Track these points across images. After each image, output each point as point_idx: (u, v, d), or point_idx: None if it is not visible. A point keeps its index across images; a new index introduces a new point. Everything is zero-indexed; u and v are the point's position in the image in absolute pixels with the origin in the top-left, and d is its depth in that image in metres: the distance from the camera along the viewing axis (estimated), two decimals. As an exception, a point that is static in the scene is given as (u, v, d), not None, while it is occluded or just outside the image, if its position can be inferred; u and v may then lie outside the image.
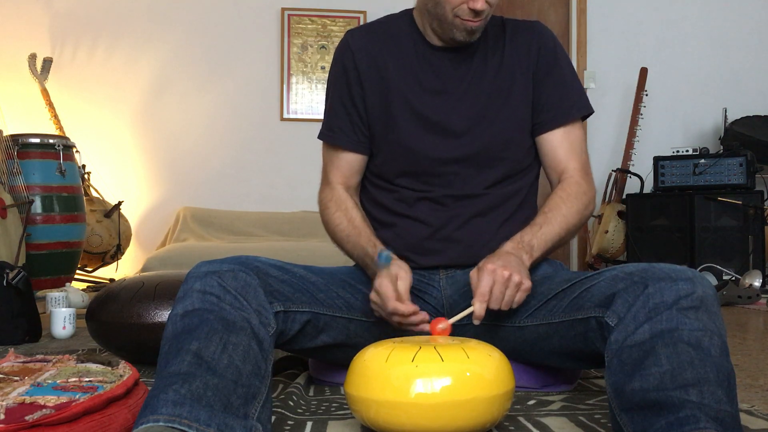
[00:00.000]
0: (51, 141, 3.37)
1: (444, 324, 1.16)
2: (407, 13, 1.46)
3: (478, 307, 1.17)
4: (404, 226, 1.41)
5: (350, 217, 1.40)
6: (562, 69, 1.43)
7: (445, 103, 1.39)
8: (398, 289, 1.21)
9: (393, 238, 1.40)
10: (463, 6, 1.29)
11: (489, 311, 1.32)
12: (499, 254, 1.24)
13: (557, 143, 1.41)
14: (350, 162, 1.46)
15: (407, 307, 1.19)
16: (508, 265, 1.18)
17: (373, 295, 1.24)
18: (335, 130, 1.45)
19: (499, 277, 1.17)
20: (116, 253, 3.93)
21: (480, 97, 1.39)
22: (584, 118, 1.45)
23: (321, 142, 1.51)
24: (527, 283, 1.20)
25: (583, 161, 1.42)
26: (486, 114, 1.39)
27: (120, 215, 3.97)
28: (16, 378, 1.04)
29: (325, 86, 1.52)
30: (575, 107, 1.42)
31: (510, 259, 1.21)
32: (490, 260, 1.21)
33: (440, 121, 1.38)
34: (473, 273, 1.21)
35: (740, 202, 3.68)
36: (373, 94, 1.42)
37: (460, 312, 1.24)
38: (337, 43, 4.47)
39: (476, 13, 1.29)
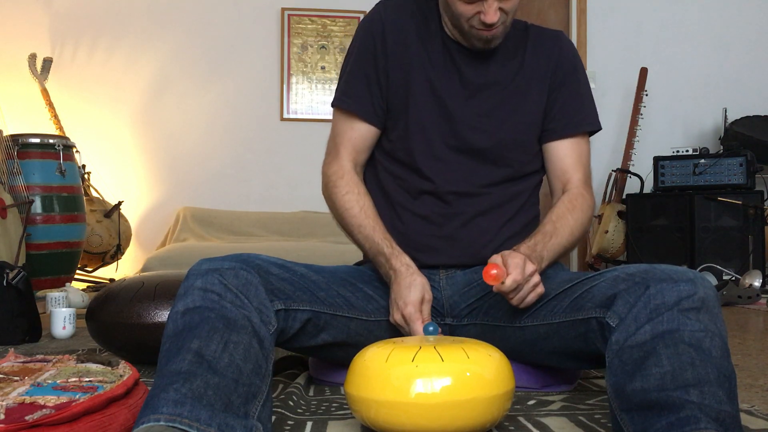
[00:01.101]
0: (51, 141, 3.37)
1: (498, 270, 1.15)
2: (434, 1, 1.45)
3: (508, 283, 1.16)
4: (408, 223, 1.41)
5: (362, 204, 1.38)
6: (579, 82, 1.45)
7: (461, 94, 1.40)
8: (423, 312, 1.26)
9: (394, 233, 1.40)
10: (476, 17, 1.30)
11: (490, 310, 1.33)
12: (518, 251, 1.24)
13: (565, 152, 1.43)
14: (363, 134, 1.43)
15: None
16: (534, 262, 1.21)
17: (398, 317, 1.27)
18: (353, 97, 1.42)
19: (528, 269, 1.18)
20: (116, 253, 3.93)
21: (494, 95, 1.40)
22: (591, 134, 1.47)
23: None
24: (542, 288, 1.21)
25: (587, 174, 1.44)
26: (498, 113, 1.40)
27: (120, 215, 3.97)
28: (16, 378, 1.04)
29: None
30: (586, 121, 1.45)
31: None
32: (528, 255, 1.22)
33: (454, 110, 1.39)
34: (515, 258, 1.19)
35: (740, 202, 3.68)
36: (396, 68, 1.41)
37: (463, 306, 1.26)
38: (337, 43, 4.51)
39: (486, 25, 1.29)
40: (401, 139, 1.41)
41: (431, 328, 1.18)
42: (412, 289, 1.27)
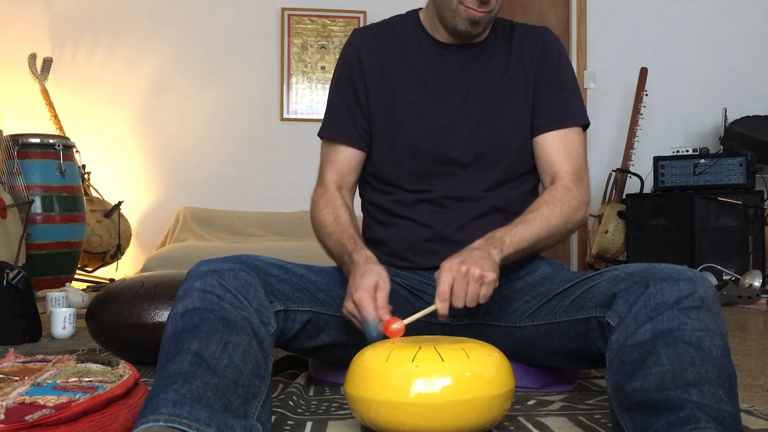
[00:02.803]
0: (51, 141, 3.37)
1: (398, 324, 1.12)
2: (414, 14, 1.47)
3: (440, 306, 1.14)
4: (404, 227, 1.41)
5: (337, 214, 1.38)
6: (564, 77, 1.42)
7: (449, 103, 1.39)
8: (378, 299, 1.17)
9: (392, 238, 1.40)
10: None
11: (490, 310, 1.32)
12: (462, 251, 1.20)
13: (550, 145, 1.40)
14: (347, 158, 1.45)
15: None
16: (466, 260, 1.15)
17: (349, 306, 1.19)
18: (335, 125, 1.45)
19: (457, 274, 1.13)
20: (116, 253, 3.93)
21: (483, 98, 1.39)
22: (584, 128, 1.44)
23: (320, 141, 1.50)
24: (490, 276, 1.14)
25: (576, 166, 1.39)
26: (488, 116, 1.38)
27: (120, 215, 3.97)
28: (16, 378, 1.04)
29: (327, 86, 1.53)
30: (572, 114, 1.41)
31: (472, 254, 1.17)
32: (449, 258, 1.17)
33: (442, 121, 1.38)
34: (437, 273, 1.17)
35: (740, 202, 3.68)
36: (376, 93, 1.42)
37: (464, 310, 1.24)
38: (337, 43, 4.51)
39: (481, 2, 1.28)
40: (390, 162, 1.41)
41: (374, 334, 1.12)
42: (365, 276, 1.20)
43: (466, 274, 1.13)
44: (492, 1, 1.28)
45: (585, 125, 1.43)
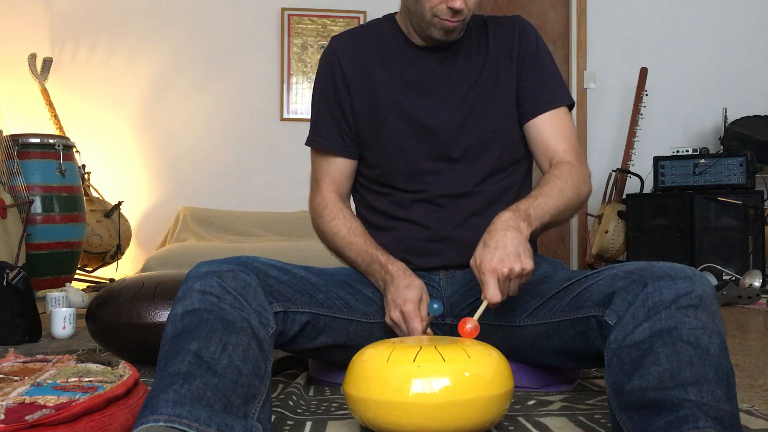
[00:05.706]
0: (51, 141, 3.38)
1: (472, 324, 1.14)
2: (390, 17, 1.49)
3: (491, 305, 1.16)
4: (402, 229, 1.41)
5: (350, 225, 1.41)
6: (544, 59, 1.44)
7: (433, 101, 1.40)
8: (421, 311, 1.26)
9: (391, 241, 1.41)
10: (441, 6, 1.30)
11: (490, 310, 1.33)
12: (494, 233, 1.17)
13: (543, 126, 1.41)
14: (340, 167, 1.47)
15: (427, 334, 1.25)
16: (504, 258, 1.13)
17: (395, 315, 1.26)
18: (323, 136, 1.46)
19: (501, 275, 1.14)
20: (116, 253, 3.93)
21: (467, 94, 1.41)
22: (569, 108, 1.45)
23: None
24: (528, 266, 1.15)
25: (572, 143, 1.41)
26: (473, 110, 1.40)
27: (120, 215, 3.97)
28: (16, 378, 1.05)
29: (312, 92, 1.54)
30: (557, 96, 1.43)
31: (506, 242, 1.15)
32: (487, 251, 1.15)
33: (429, 120, 1.40)
34: (479, 275, 1.16)
35: (740, 202, 3.68)
36: (361, 98, 1.43)
37: (464, 306, 1.29)
38: (337, 43, 4.50)
39: (455, 12, 1.30)
40: (382, 164, 1.43)
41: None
42: (410, 289, 1.28)
43: (509, 275, 1.15)
44: (464, 10, 1.31)
45: (571, 105, 1.45)
